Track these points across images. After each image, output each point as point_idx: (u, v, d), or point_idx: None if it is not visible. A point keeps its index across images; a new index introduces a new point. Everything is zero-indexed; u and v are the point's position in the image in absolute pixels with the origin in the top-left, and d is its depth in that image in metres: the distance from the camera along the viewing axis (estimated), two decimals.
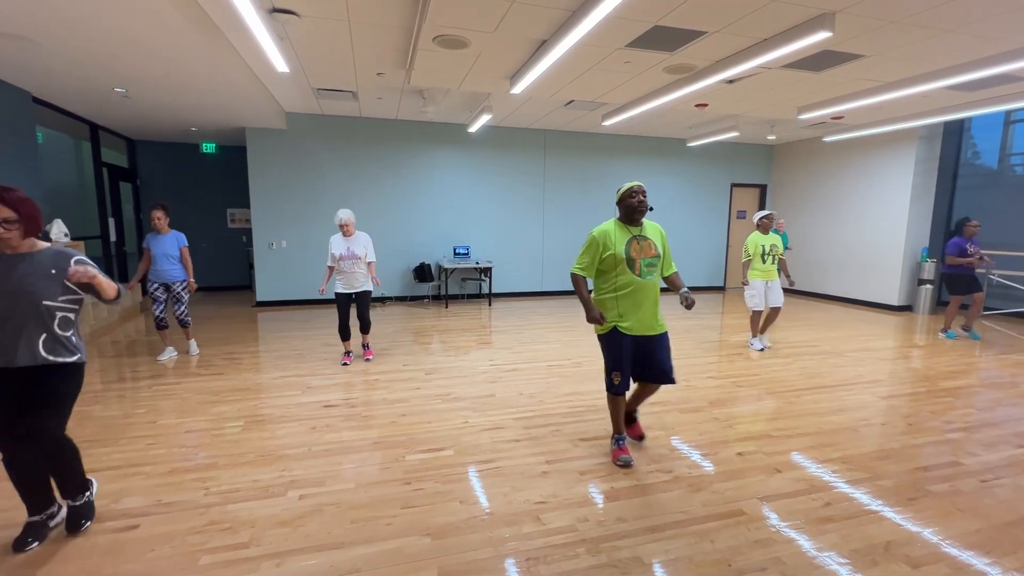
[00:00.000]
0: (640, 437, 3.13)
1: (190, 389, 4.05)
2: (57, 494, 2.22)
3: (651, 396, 3.09)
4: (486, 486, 2.60)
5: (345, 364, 4.80)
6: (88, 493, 2.27)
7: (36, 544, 2.11)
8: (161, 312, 4.86)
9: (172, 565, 1.99)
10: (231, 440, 3.12)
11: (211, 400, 3.80)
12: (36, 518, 2.16)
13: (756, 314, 5.47)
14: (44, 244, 2.10)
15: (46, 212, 2.03)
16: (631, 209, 2.76)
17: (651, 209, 2.80)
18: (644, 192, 2.78)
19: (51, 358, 2.05)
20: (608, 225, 2.80)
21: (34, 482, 2.13)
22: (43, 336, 2.03)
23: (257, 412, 3.57)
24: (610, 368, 2.82)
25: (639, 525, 2.27)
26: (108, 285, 2.11)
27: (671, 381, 2.86)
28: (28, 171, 5.37)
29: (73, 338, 2.14)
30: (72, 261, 2.07)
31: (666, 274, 2.92)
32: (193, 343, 5.18)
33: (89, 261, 2.14)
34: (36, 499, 2.16)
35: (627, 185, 2.79)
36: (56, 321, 2.07)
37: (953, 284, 6.07)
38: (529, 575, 1.94)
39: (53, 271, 2.05)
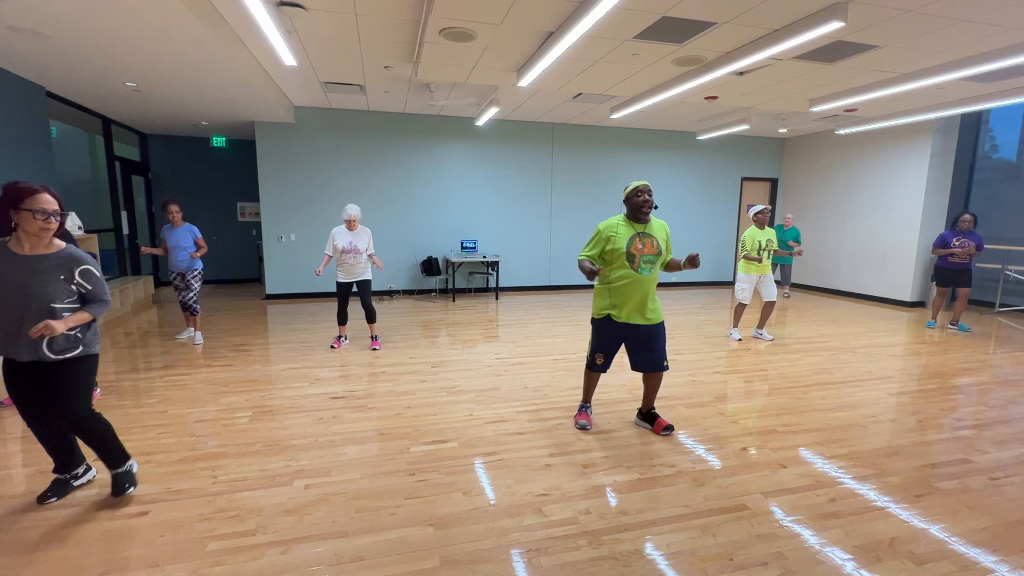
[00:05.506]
0: (669, 428, 3.16)
1: (200, 380, 4.11)
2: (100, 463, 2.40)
3: (659, 389, 3.24)
4: (490, 478, 2.62)
5: (333, 348, 5.06)
6: (129, 463, 2.42)
7: (55, 499, 2.30)
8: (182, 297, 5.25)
9: (180, 551, 2.03)
10: (239, 430, 3.16)
11: (220, 391, 3.86)
12: (61, 476, 2.36)
13: (741, 306, 5.67)
14: (61, 244, 2.14)
15: None
16: (636, 207, 2.92)
17: (656, 208, 2.96)
18: (650, 191, 2.93)
19: (56, 357, 2.11)
20: (615, 220, 2.98)
21: (57, 444, 2.31)
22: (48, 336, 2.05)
23: (265, 403, 3.62)
24: (595, 349, 3.13)
25: (641, 518, 2.27)
26: (78, 319, 2.10)
27: (663, 369, 3.08)
28: (43, 165, 5.46)
29: (79, 333, 2.17)
30: (78, 273, 2.11)
31: (665, 262, 3.06)
32: (199, 334, 5.34)
33: (94, 269, 2.17)
34: (60, 458, 2.34)
35: (633, 184, 2.95)
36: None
37: (937, 275, 6.29)
38: (531, 566, 1.96)
39: (62, 276, 2.09)
